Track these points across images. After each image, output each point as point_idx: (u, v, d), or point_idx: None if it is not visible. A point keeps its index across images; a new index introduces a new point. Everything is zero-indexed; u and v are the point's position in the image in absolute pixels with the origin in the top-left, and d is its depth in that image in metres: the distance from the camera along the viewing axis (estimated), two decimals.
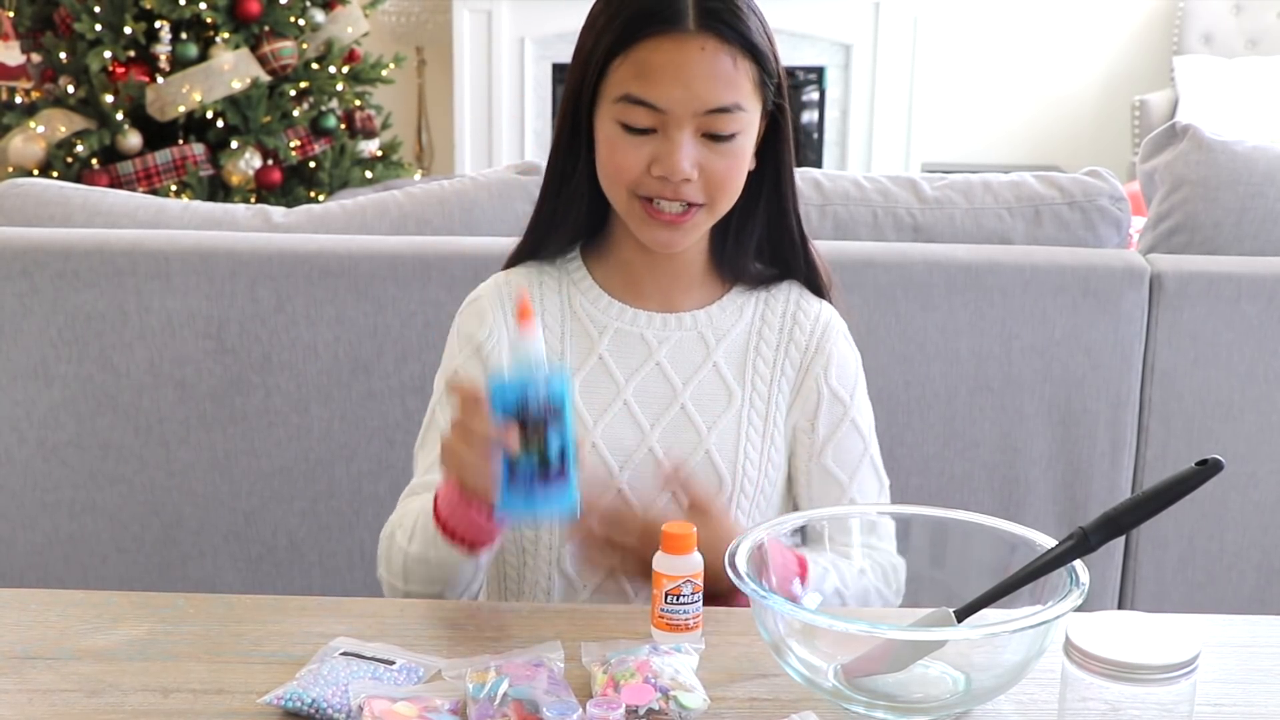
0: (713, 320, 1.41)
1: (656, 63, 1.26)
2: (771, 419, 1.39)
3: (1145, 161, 2.10)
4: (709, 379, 1.39)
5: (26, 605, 1.23)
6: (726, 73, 1.27)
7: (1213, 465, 1.08)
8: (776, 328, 1.41)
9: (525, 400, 1.14)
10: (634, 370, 1.39)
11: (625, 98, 1.28)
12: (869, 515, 1.33)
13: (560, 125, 1.36)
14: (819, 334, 1.41)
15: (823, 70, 5.53)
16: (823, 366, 1.40)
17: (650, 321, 1.40)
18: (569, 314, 1.40)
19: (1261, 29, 5.70)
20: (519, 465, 1.15)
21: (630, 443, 1.37)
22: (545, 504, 1.17)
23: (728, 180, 1.31)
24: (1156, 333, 1.93)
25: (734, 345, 1.40)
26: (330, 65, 4.35)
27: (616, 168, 1.30)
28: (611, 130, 1.30)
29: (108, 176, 4.08)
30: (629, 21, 1.27)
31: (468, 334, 1.41)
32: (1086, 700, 0.96)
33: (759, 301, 1.42)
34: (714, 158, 1.29)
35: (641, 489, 1.36)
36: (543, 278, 1.42)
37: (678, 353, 1.39)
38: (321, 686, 1.06)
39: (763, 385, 1.40)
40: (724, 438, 1.38)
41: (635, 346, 1.39)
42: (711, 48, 1.26)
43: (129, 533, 1.96)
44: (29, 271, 1.89)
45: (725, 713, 1.06)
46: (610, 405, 1.38)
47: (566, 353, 1.39)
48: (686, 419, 1.38)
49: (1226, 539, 2.00)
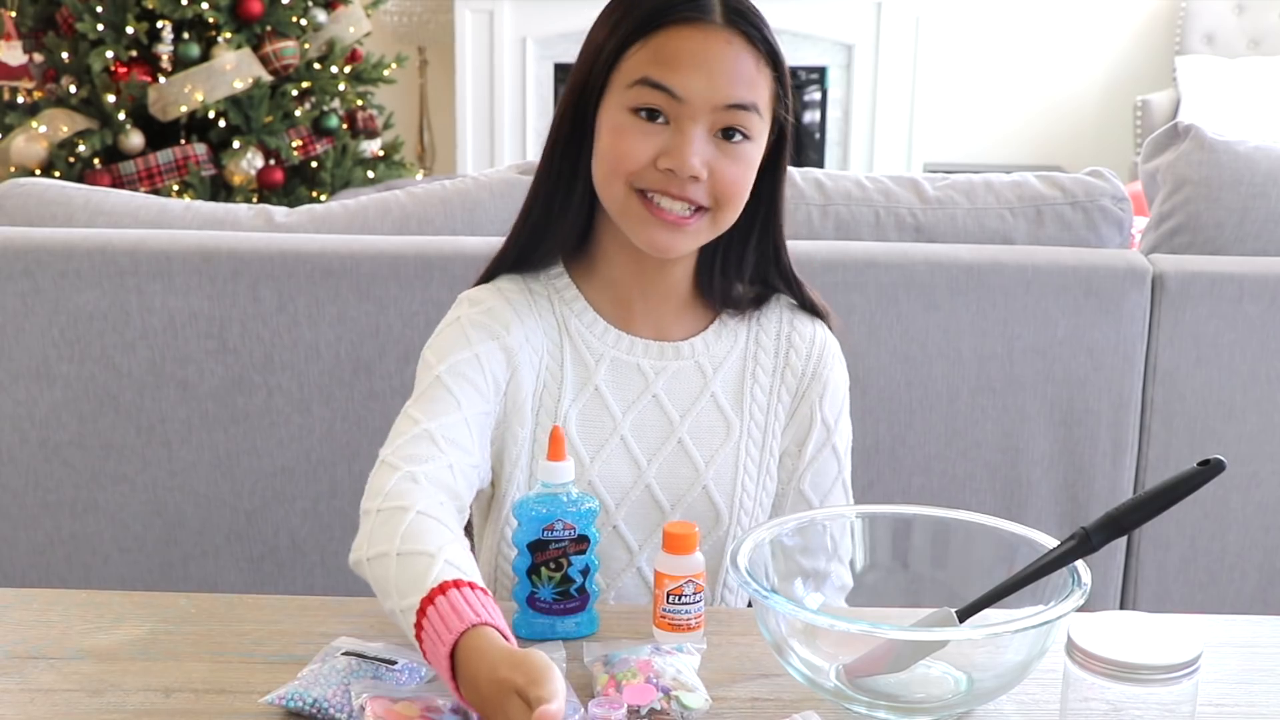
0: (709, 348, 1.35)
1: (680, 49, 1.21)
2: (768, 448, 1.36)
3: (1147, 162, 2.10)
4: (707, 410, 1.34)
5: (28, 605, 1.24)
6: (749, 72, 1.23)
7: (1215, 465, 1.08)
8: (771, 352, 1.37)
9: (551, 527, 1.16)
10: (631, 403, 1.32)
11: (642, 81, 1.21)
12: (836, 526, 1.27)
13: (559, 124, 1.29)
14: (815, 359, 1.37)
15: (825, 70, 5.53)
16: (819, 394, 1.37)
17: (646, 350, 1.33)
18: (566, 337, 1.32)
19: (1263, 29, 5.70)
20: (540, 591, 1.17)
21: (626, 480, 1.32)
22: (564, 627, 1.18)
23: (736, 186, 1.24)
24: (1158, 333, 1.93)
25: (730, 374, 1.35)
26: (332, 65, 4.35)
27: (619, 155, 1.23)
28: (620, 118, 1.23)
29: (110, 176, 4.09)
30: (652, 11, 1.22)
31: (491, 330, 1.29)
32: (1088, 700, 0.96)
33: (751, 324, 1.37)
34: (724, 161, 1.23)
35: (637, 525, 1.33)
36: (534, 296, 1.33)
37: (675, 383, 1.33)
38: (323, 686, 1.06)
39: (760, 414, 1.36)
40: (722, 472, 1.34)
41: (632, 377, 1.33)
42: (738, 44, 1.22)
43: (131, 532, 1.96)
44: (31, 271, 1.89)
45: (727, 713, 1.06)
46: (607, 441, 1.32)
47: (566, 379, 1.31)
48: (684, 453, 1.33)
49: (1228, 539, 2.00)
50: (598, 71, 1.25)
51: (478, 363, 1.27)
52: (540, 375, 1.31)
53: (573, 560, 1.17)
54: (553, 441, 1.17)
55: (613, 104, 1.24)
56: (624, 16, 1.24)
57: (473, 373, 1.26)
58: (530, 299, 1.33)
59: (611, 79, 1.24)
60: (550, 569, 1.17)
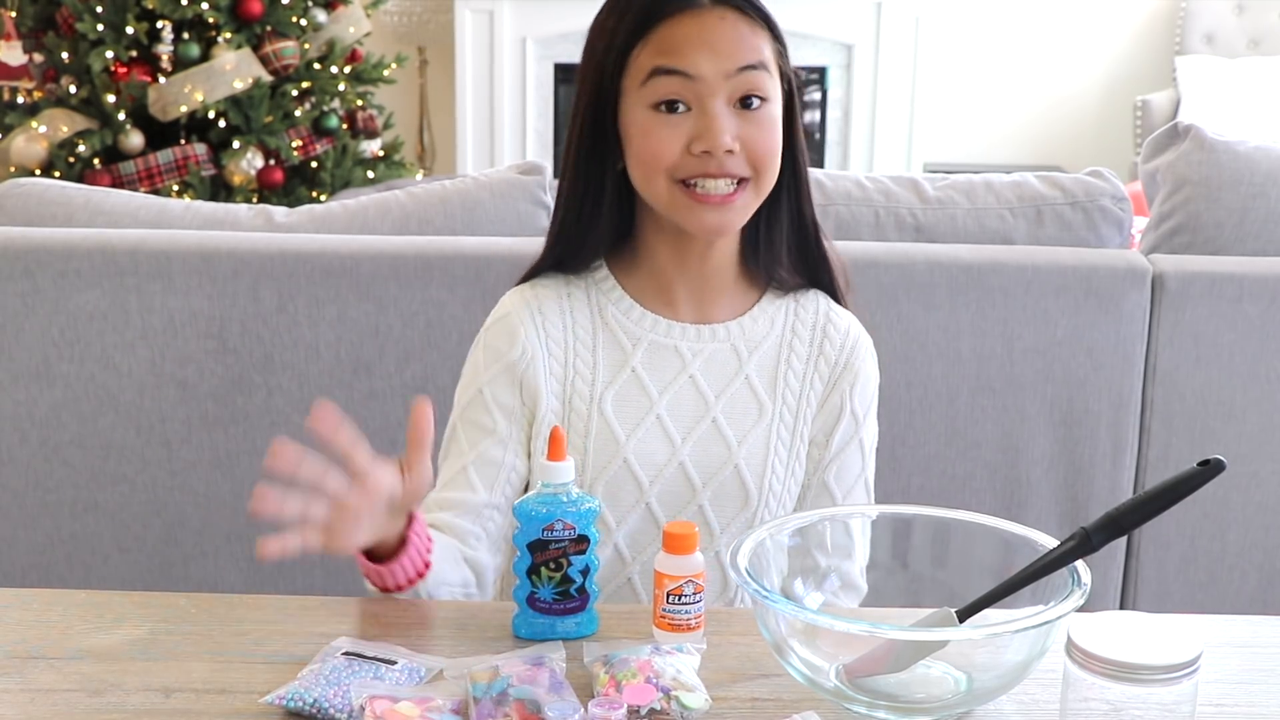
0: (745, 331, 1.39)
1: (680, 35, 1.26)
2: (799, 432, 1.40)
3: (1147, 162, 2.10)
4: (741, 392, 1.38)
5: (28, 605, 1.23)
6: (747, 36, 1.28)
7: (1215, 465, 1.08)
8: (807, 340, 1.40)
9: (551, 527, 1.16)
10: (667, 383, 1.37)
11: (655, 71, 1.26)
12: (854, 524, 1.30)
13: (579, 133, 1.33)
14: (849, 349, 1.41)
15: (825, 70, 5.53)
16: (850, 383, 1.41)
17: (684, 333, 1.38)
18: (600, 325, 1.38)
19: (1263, 29, 5.70)
20: (540, 592, 1.17)
21: (661, 457, 1.36)
22: (564, 627, 1.18)
23: (768, 149, 1.30)
24: (1158, 333, 1.93)
25: (766, 357, 1.39)
26: (332, 65, 4.35)
27: (654, 153, 1.28)
28: (644, 116, 1.28)
29: (110, 176, 4.09)
30: (643, 10, 1.28)
31: (497, 352, 1.37)
32: (1088, 700, 0.96)
33: (789, 310, 1.41)
34: (751, 129, 1.28)
35: (670, 503, 1.37)
36: (570, 289, 1.39)
37: (711, 365, 1.38)
38: (323, 686, 1.06)
39: (792, 398, 1.39)
40: (753, 452, 1.37)
41: (669, 359, 1.37)
42: (731, 17, 1.28)
43: (131, 532, 1.96)
44: (31, 271, 1.89)
45: (727, 713, 1.06)
46: (643, 419, 1.36)
47: (599, 365, 1.37)
48: (717, 432, 1.37)
49: (1228, 539, 2.00)
50: (608, 77, 1.30)
51: (482, 401, 1.37)
52: (568, 365, 1.37)
53: (573, 560, 1.17)
54: (552, 441, 1.17)
55: (632, 105, 1.29)
56: (619, 22, 1.29)
57: (480, 415, 1.37)
58: (564, 295, 1.39)
59: (624, 83, 1.29)
60: (550, 569, 1.17)
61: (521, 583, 1.18)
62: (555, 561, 1.16)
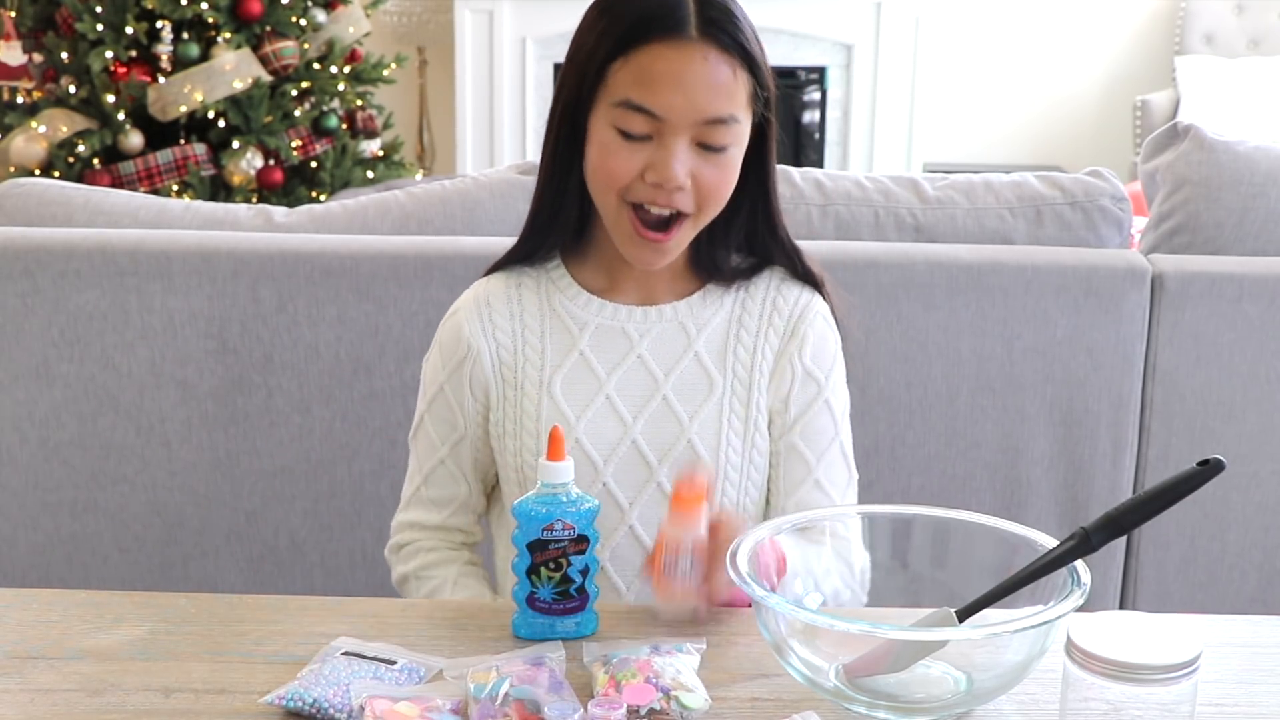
0: (693, 311, 1.41)
1: (658, 70, 1.26)
2: (754, 403, 1.40)
3: (1147, 162, 2.10)
4: (690, 368, 1.40)
5: (28, 605, 1.24)
6: (726, 83, 1.28)
7: (1214, 465, 1.08)
8: (756, 315, 1.42)
9: (551, 527, 1.16)
10: (615, 364, 1.39)
11: (625, 103, 1.27)
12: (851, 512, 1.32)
13: (556, 128, 1.35)
14: (795, 317, 1.42)
15: (824, 70, 5.53)
16: (797, 347, 1.41)
17: (630, 315, 1.40)
18: (549, 312, 1.41)
19: (1263, 29, 5.70)
20: (539, 592, 1.17)
21: (613, 436, 1.38)
22: (563, 627, 1.18)
23: (717, 190, 1.32)
24: (1158, 333, 1.93)
25: (714, 334, 1.41)
26: (332, 65, 4.36)
27: (609, 173, 1.30)
28: (607, 135, 1.30)
29: (109, 176, 4.09)
30: (631, 26, 1.27)
31: (449, 350, 1.42)
32: (1088, 700, 0.96)
33: (738, 294, 1.43)
34: (706, 167, 1.30)
35: (626, 482, 1.38)
36: (521, 280, 1.43)
37: (659, 344, 1.40)
38: (323, 686, 1.06)
39: (743, 371, 1.40)
40: (706, 426, 1.39)
41: (616, 340, 1.40)
42: (714, 58, 1.27)
43: (130, 532, 1.96)
44: (31, 271, 1.89)
45: (727, 713, 1.06)
46: (592, 400, 1.38)
47: (546, 350, 1.40)
48: (668, 409, 1.39)
49: (1228, 539, 2.00)
50: (587, 84, 1.30)
51: (443, 398, 1.42)
52: (517, 353, 1.40)
53: (572, 560, 1.17)
54: (552, 441, 1.17)
55: (599, 116, 1.30)
56: (607, 29, 1.29)
57: (444, 410, 1.43)
58: (514, 286, 1.42)
59: (598, 93, 1.30)
60: (550, 569, 1.17)
61: (521, 583, 1.18)
62: (555, 561, 1.17)
